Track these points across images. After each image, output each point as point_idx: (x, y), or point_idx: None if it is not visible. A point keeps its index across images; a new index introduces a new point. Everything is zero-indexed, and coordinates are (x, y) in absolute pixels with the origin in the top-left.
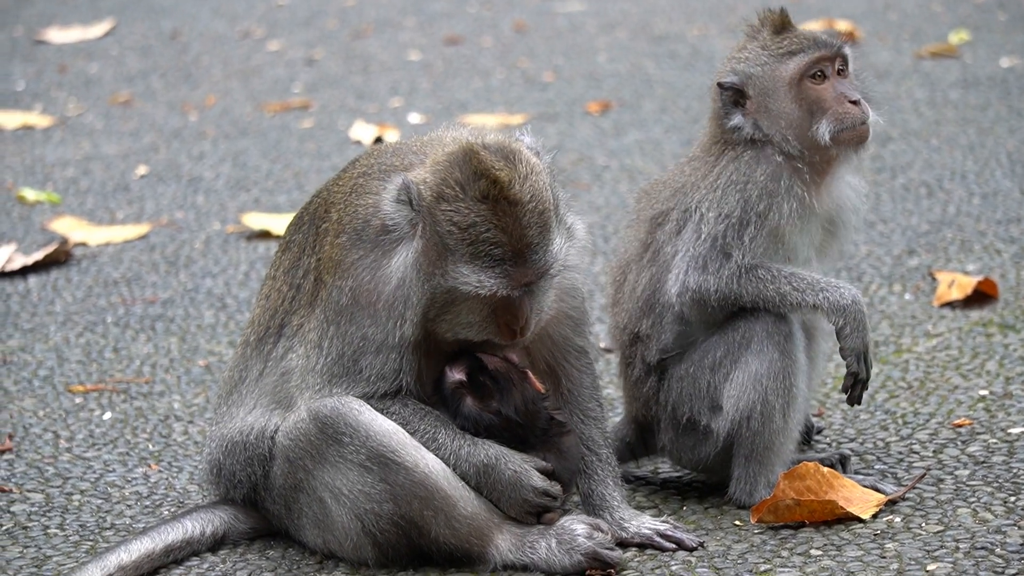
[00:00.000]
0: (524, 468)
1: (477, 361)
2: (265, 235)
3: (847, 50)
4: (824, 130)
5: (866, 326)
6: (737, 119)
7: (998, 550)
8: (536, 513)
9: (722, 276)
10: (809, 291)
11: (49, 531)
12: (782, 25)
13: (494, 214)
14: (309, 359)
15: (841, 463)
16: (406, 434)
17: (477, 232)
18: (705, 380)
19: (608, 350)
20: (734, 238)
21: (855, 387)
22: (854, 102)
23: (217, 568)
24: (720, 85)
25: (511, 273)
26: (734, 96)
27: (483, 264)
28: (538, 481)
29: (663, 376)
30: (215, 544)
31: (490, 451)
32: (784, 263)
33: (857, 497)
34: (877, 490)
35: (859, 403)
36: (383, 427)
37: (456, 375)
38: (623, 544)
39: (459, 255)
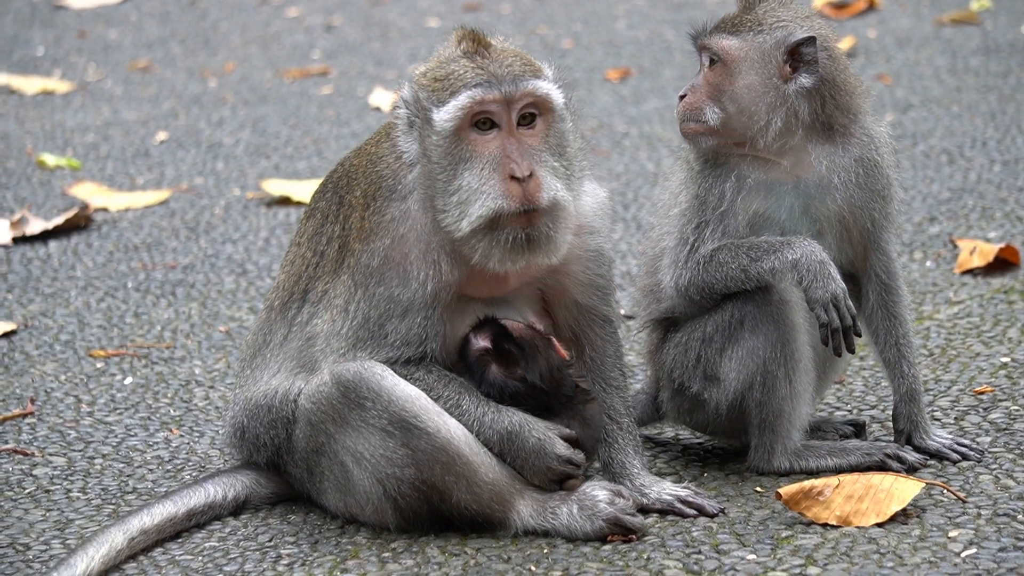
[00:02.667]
0: (548, 436)
1: (502, 328)
2: (285, 201)
3: (705, 41)
4: None
5: (827, 275)
6: None
7: (1020, 516)
8: (559, 480)
9: (691, 266)
10: (764, 256)
11: (71, 495)
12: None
13: (472, 61)
14: (334, 323)
15: (856, 432)
16: (428, 399)
17: (457, 75)
18: (695, 351)
19: (629, 316)
20: (693, 231)
21: (833, 337)
22: (681, 96)
23: (239, 532)
24: None
25: (491, 79)
26: None
27: (463, 88)
28: (562, 449)
29: (665, 336)
30: (237, 508)
31: (514, 418)
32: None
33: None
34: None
35: (851, 351)
36: (405, 392)
37: (481, 342)
38: (644, 510)
39: (442, 98)
